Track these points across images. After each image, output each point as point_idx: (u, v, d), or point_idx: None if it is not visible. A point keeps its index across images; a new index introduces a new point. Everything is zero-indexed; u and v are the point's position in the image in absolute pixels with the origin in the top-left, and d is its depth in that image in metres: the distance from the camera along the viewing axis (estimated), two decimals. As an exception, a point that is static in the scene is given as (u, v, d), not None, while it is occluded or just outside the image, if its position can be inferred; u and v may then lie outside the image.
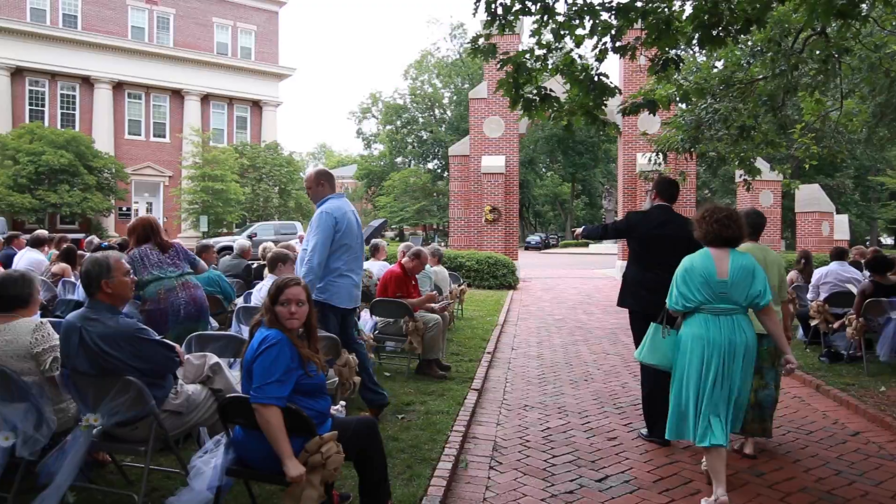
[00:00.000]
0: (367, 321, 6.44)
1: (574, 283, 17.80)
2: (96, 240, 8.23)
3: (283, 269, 5.19)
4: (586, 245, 41.21)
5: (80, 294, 5.75)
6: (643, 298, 4.54)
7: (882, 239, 49.16)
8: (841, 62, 7.26)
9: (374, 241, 8.72)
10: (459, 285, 10.42)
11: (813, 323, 7.34)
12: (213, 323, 5.66)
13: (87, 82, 29.60)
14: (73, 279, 6.69)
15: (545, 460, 4.18)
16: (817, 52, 7.15)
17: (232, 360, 4.11)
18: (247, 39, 34.33)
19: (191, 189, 27.95)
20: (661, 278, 4.13)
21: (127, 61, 30.07)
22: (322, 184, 4.70)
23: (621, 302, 4.82)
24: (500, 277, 15.92)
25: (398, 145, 50.61)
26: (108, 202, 26.24)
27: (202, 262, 5.22)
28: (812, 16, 4.73)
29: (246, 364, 2.86)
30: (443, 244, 36.71)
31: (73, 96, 29.75)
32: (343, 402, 3.44)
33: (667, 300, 3.77)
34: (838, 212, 22.30)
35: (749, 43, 8.22)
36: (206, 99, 32.58)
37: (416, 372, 6.23)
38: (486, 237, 19.02)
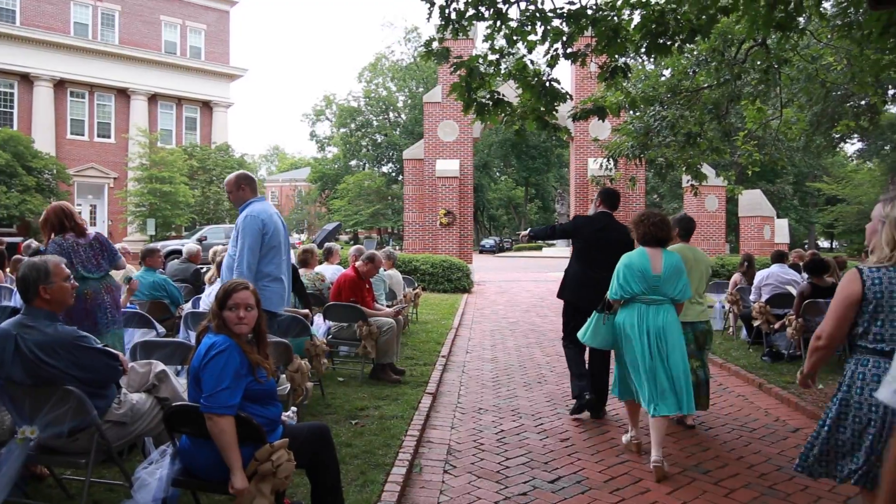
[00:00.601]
0: (320, 326, 6.36)
1: (528, 286, 17.99)
2: (34, 244, 7.88)
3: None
4: (539, 248, 41.75)
5: (17, 300, 5.50)
6: (579, 293, 5.15)
7: (819, 242, 51.38)
8: (780, 73, 7.56)
9: (327, 244, 8.63)
10: (414, 289, 10.41)
11: (755, 323, 7.60)
12: (160, 329, 5.49)
13: (27, 80, 28.41)
14: (8, 284, 6.40)
15: (499, 462, 4.21)
16: (759, 63, 7.43)
17: (179, 367, 4.00)
18: (196, 38, 33.54)
19: (137, 191, 27.12)
20: (598, 276, 4.76)
21: (69, 58, 28.97)
22: (243, 188, 4.58)
23: (560, 294, 5.48)
24: (455, 281, 15.98)
25: (352, 148, 50.30)
26: (48, 204, 25.20)
27: (122, 258, 5.01)
28: (753, 27, 4.91)
29: (193, 371, 2.79)
30: (397, 248, 36.64)
31: (11, 94, 28.49)
32: (294, 408, 3.38)
33: (608, 292, 4.36)
34: (779, 216, 23.19)
35: (694, 52, 8.48)
36: (153, 99, 31.68)
37: (370, 377, 6.18)
38: (440, 241, 19.06)
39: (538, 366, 7.33)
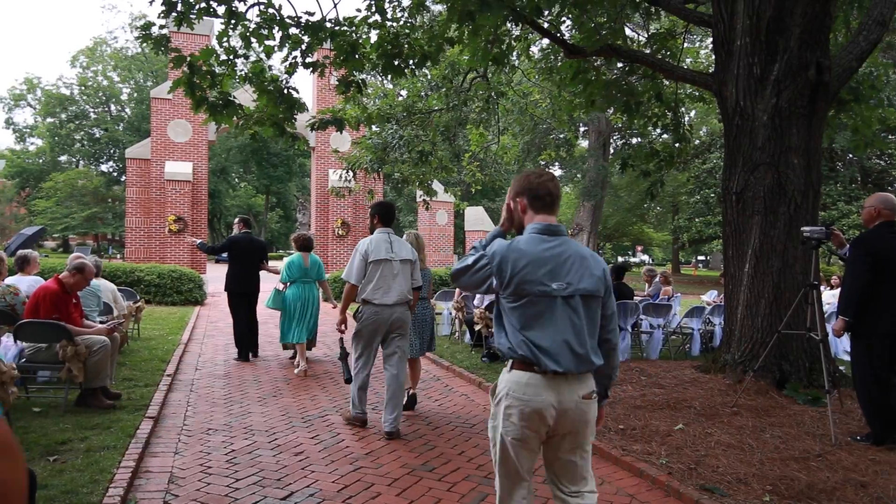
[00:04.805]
0: (9, 348, 5.38)
1: (265, 297, 17.39)
2: None
3: None
4: (280, 258, 40.90)
5: None
6: (238, 284, 8.21)
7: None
8: (498, 104, 8.51)
9: (22, 252, 7.34)
10: (135, 302, 9.40)
11: (476, 328, 8.39)
12: None
13: None
14: None
15: (228, 485, 3.97)
16: (481, 93, 8.27)
17: None
18: None
19: None
20: (248, 272, 8.23)
21: None
22: None
23: (227, 287, 8.29)
24: (186, 292, 14.81)
25: (63, 142, 43.69)
26: None
27: None
28: (474, 58, 5.44)
29: None
30: (118, 256, 32.84)
31: None
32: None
33: (280, 277, 7.85)
34: (499, 231, 25.92)
35: (428, 77, 9.11)
36: None
37: (75, 404, 5.39)
38: (169, 249, 17.55)
39: (274, 379, 7.13)
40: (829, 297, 9.81)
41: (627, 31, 7.54)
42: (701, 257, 61.76)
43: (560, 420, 2.34)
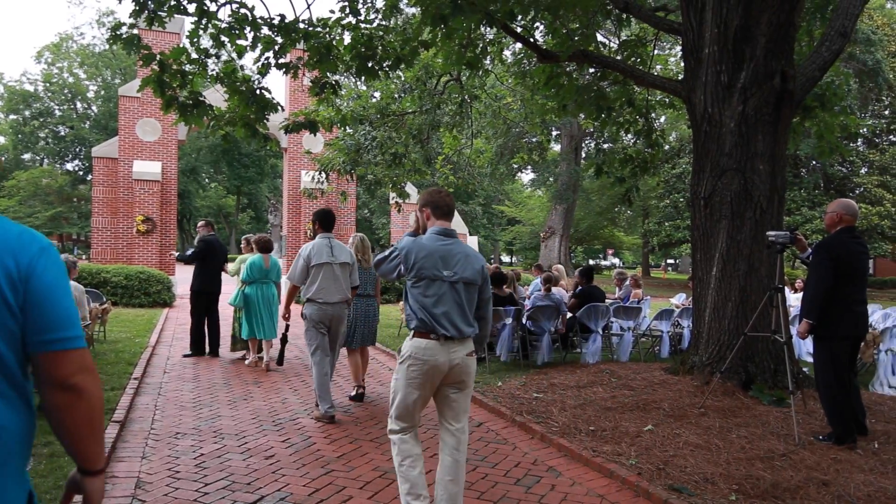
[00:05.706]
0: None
1: (225, 297, 17.18)
2: None
3: None
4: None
5: None
6: (207, 282, 8.49)
7: (502, 257, 59.10)
8: (472, 107, 8.54)
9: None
10: (102, 304, 9.21)
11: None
12: None
13: None
14: None
15: (196, 490, 3.92)
16: (454, 96, 8.29)
17: None
18: None
19: None
20: (217, 272, 8.55)
21: None
22: None
23: (200, 287, 8.49)
24: (154, 294, 14.56)
25: (26, 139, 42.69)
26: None
27: None
28: (448, 62, 5.45)
29: None
30: (83, 257, 32.14)
31: None
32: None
33: (240, 276, 8.06)
34: (471, 234, 26.02)
35: (402, 79, 9.10)
36: None
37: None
38: (137, 250, 17.23)
39: (245, 382, 7.05)
40: (794, 300, 10.04)
41: (599, 38, 7.64)
42: (670, 261, 62.70)
43: (451, 372, 3.18)
